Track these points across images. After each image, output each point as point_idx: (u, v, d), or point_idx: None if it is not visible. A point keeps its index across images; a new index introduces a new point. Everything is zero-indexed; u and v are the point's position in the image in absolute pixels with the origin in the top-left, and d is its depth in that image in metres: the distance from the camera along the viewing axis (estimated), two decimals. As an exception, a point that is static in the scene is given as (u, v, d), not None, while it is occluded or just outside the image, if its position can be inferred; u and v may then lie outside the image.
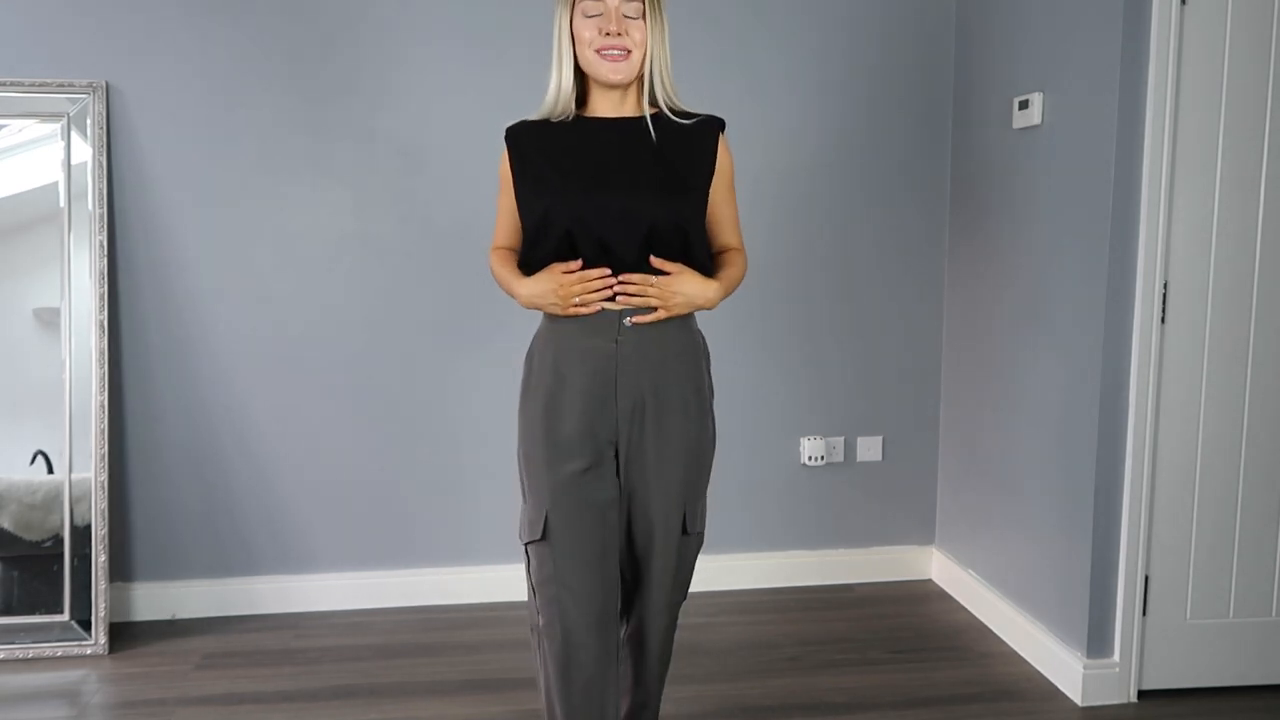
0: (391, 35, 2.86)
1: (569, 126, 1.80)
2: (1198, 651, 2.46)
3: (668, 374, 1.80)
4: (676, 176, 1.78)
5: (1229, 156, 2.32)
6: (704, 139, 1.82)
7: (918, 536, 3.25)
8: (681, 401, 1.81)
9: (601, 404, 1.77)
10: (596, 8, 1.72)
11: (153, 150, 2.81)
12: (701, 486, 1.89)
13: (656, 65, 1.76)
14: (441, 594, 3.04)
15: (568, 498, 1.77)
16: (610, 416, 1.78)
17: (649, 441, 1.80)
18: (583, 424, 1.77)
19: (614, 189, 1.74)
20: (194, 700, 2.47)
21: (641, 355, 1.77)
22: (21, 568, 2.75)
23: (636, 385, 1.77)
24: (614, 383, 1.77)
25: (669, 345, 1.80)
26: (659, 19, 1.75)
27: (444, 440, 3.00)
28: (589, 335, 1.77)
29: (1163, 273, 2.33)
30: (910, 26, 3.05)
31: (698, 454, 1.85)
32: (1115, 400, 2.38)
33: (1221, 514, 2.43)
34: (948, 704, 2.44)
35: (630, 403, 1.78)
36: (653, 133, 1.78)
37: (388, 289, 2.93)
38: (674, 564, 1.89)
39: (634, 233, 1.72)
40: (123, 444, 2.87)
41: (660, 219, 1.73)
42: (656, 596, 1.90)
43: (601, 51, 1.73)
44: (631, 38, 1.73)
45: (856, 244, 3.10)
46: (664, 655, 1.98)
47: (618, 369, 1.76)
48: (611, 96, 1.79)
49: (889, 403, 3.18)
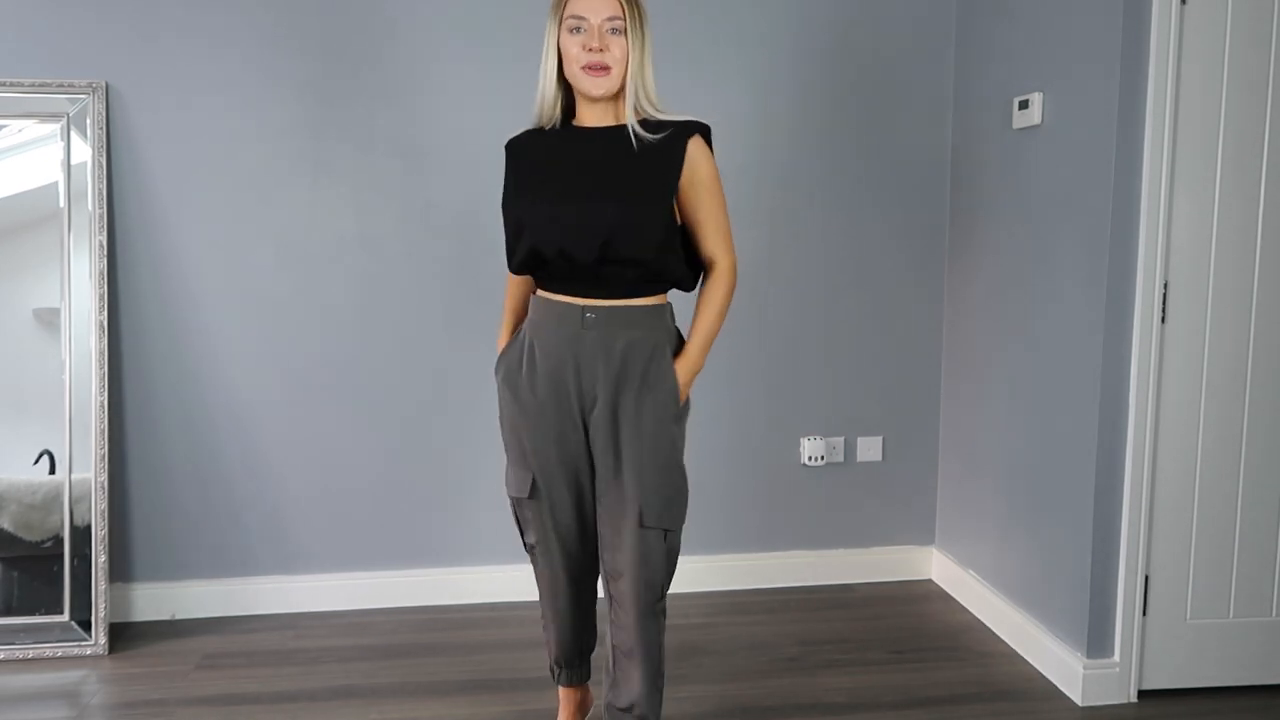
0: (392, 35, 2.86)
1: (557, 136, 1.92)
2: (1198, 651, 2.46)
3: (627, 368, 1.87)
4: (639, 184, 1.84)
5: (1229, 156, 2.32)
6: (674, 145, 1.86)
7: (918, 536, 3.26)
8: (639, 395, 1.87)
9: (565, 388, 1.90)
10: (581, 25, 1.82)
11: (153, 150, 2.81)
12: (662, 479, 1.88)
13: (637, 78, 1.84)
14: (441, 594, 3.04)
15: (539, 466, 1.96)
16: (573, 401, 1.90)
17: (609, 431, 1.88)
18: (549, 403, 1.91)
19: (575, 199, 1.84)
20: (194, 700, 2.47)
21: (602, 348, 1.87)
22: (21, 568, 2.75)
23: (596, 375, 1.87)
24: (576, 371, 1.88)
25: (629, 339, 1.87)
26: (640, 34, 1.84)
27: (444, 440, 3.00)
28: (557, 324, 1.90)
29: (1163, 273, 2.33)
30: (910, 26, 3.04)
31: (655, 449, 1.87)
32: (1115, 400, 2.38)
33: (1221, 514, 2.43)
34: (947, 704, 2.44)
35: (593, 391, 1.88)
36: (634, 141, 1.84)
37: (388, 289, 2.93)
38: (634, 557, 1.89)
39: (591, 241, 1.81)
40: (123, 444, 2.87)
41: (617, 227, 1.80)
42: (623, 588, 1.92)
43: (585, 67, 1.83)
44: (613, 54, 1.82)
45: (856, 244, 3.10)
46: (647, 657, 1.93)
47: (579, 359, 1.88)
48: (596, 108, 1.89)
49: (889, 403, 3.18)
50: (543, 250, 1.85)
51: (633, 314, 1.87)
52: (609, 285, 1.86)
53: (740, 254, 2.99)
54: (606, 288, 1.86)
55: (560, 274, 1.87)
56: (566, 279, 1.88)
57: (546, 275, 1.91)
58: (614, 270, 1.83)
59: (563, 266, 1.85)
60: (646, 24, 1.85)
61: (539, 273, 1.92)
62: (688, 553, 3.12)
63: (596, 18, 1.81)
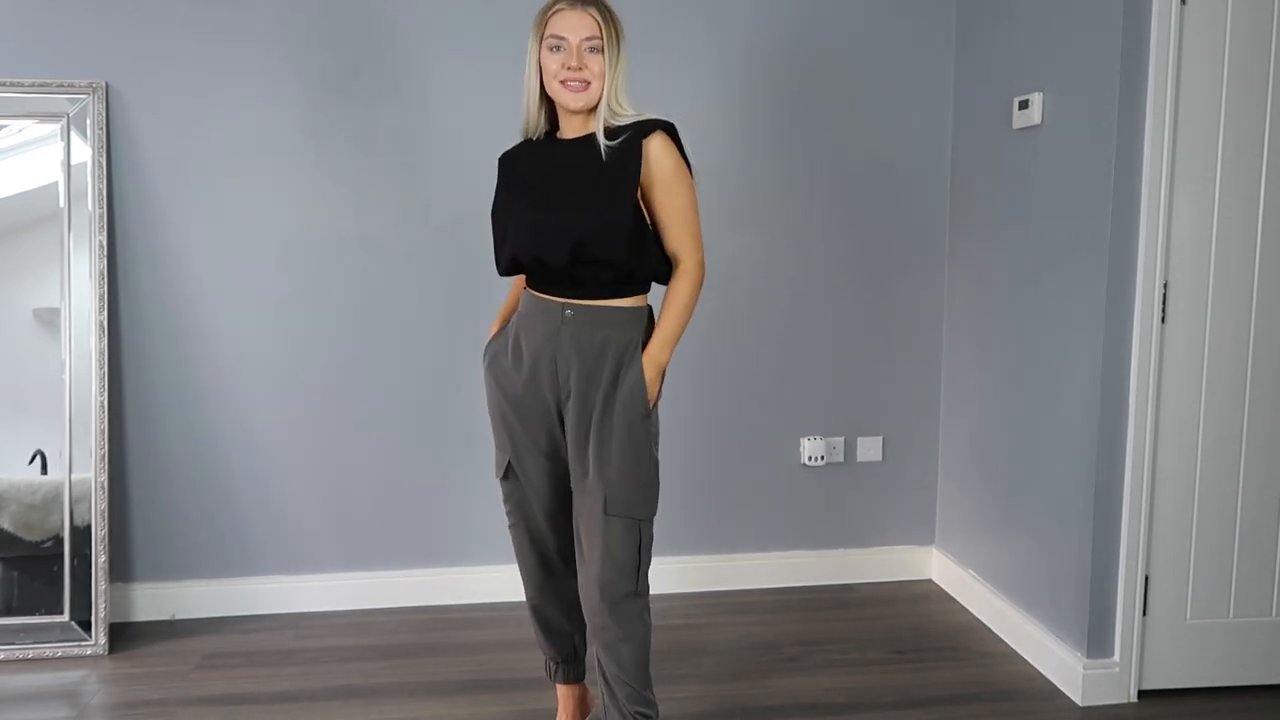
0: (392, 35, 2.86)
1: (540, 147, 2.01)
2: (1198, 651, 2.46)
3: (601, 364, 1.93)
4: (602, 187, 1.90)
5: (1229, 156, 2.32)
6: (631, 146, 1.91)
7: (918, 536, 3.26)
8: (610, 390, 1.93)
9: (541, 378, 1.97)
10: (561, 44, 1.90)
11: (153, 150, 2.81)
12: (630, 470, 1.93)
13: (611, 91, 1.92)
14: (441, 594, 3.04)
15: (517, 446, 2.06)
16: (547, 392, 1.98)
17: (580, 421, 1.94)
18: (529, 390, 1.99)
19: (546, 206, 1.93)
20: (194, 700, 2.47)
21: (578, 343, 1.94)
22: (21, 568, 2.75)
23: (571, 368, 1.94)
24: (553, 363, 1.96)
25: (604, 337, 1.94)
26: (616, 50, 1.91)
27: (444, 440, 3.00)
28: (540, 318, 1.98)
29: (1163, 273, 2.33)
30: (910, 27, 3.04)
31: (623, 441, 1.92)
32: (1115, 400, 2.38)
33: (1221, 514, 2.43)
34: (947, 704, 2.44)
35: (568, 383, 1.95)
36: (602, 150, 1.90)
37: (388, 289, 2.93)
38: (600, 543, 1.93)
39: (561, 246, 1.89)
40: (123, 444, 2.87)
41: (584, 231, 1.87)
42: (588, 572, 1.96)
43: (564, 82, 1.90)
44: (591, 70, 1.89)
45: (856, 244, 3.10)
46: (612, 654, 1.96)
47: (556, 352, 1.95)
48: (576, 120, 1.96)
49: (889, 403, 3.18)
50: (519, 256, 1.96)
51: (610, 314, 1.94)
52: (585, 286, 1.93)
53: (740, 254, 3.04)
54: (583, 288, 1.93)
55: (539, 276, 1.98)
56: (546, 280, 1.97)
57: (530, 276, 2.01)
58: (588, 272, 1.91)
59: (539, 270, 1.96)
60: (623, 41, 1.93)
61: (526, 274, 2.03)
62: (688, 553, 3.15)
63: (575, 37, 1.89)
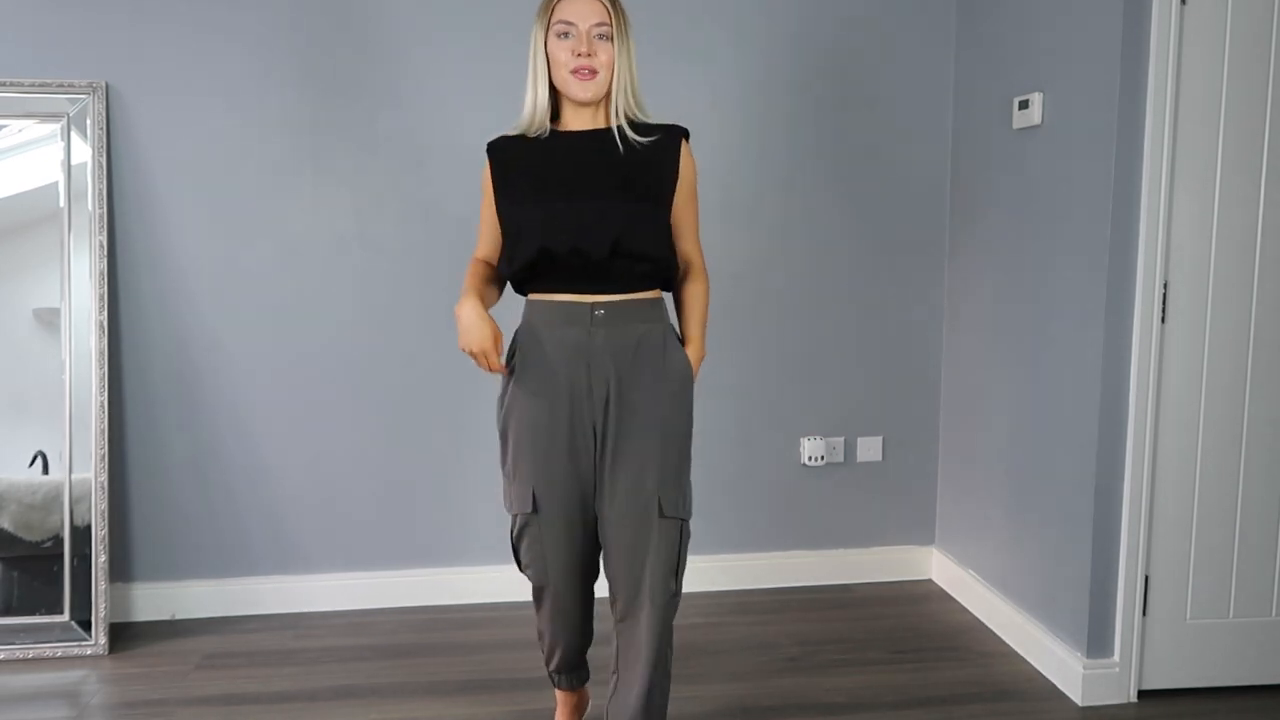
0: (393, 35, 2.86)
1: (544, 140, 1.93)
2: (1198, 651, 2.46)
3: (639, 360, 1.90)
4: (641, 183, 1.90)
5: (1229, 156, 2.32)
6: (668, 148, 1.93)
7: (918, 536, 3.26)
8: (652, 386, 1.90)
9: (578, 390, 1.89)
10: (569, 30, 1.86)
11: (153, 150, 2.81)
12: (679, 468, 1.92)
13: (622, 81, 1.89)
14: (441, 594, 3.04)
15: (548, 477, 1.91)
16: (585, 402, 1.89)
17: (623, 426, 1.89)
18: (562, 410, 1.89)
19: (583, 196, 1.87)
20: (194, 700, 2.47)
21: (613, 343, 1.88)
22: (21, 568, 2.75)
23: (608, 371, 1.88)
24: (588, 370, 1.88)
25: (639, 332, 1.90)
26: (625, 39, 1.88)
27: (444, 440, 3.00)
28: (564, 325, 1.89)
29: (1163, 273, 2.33)
30: (910, 26, 3.05)
31: (672, 436, 1.91)
32: (1115, 400, 2.38)
33: (1221, 514, 2.43)
34: (947, 704, 2.44)
35: (604, 389, 1.88)
36: (619, 144, 1.89)
37: (388, 289, 2.93)
38: (652, 546, 1.88)
39: (603, 237, 1.83)
40: (123, 444, 2.87)
41: (627, 223, 1.84)
42: (644, 582, 1.89)
43: (574, 71, 1.86)
44: (599, 58, 1.86)
45: (857, 244, 3.10)
46: (658, 657, 1.91)
47: (590, 357, 1.88)
48: (583, 112, 1.92)
49: (889, 403, 3.18)
50: (554, 249, 1.84)
51: (640, 308, 1.91)
52: (619, 280, 1.88)
53: (740, 254, 3.04)
54: (617, 282, 1.88)
55: (570, 272, 1.87)
56: (576, 277, 1.87)
57: (554, 276, 1.88)
58: (624, 265, 1.87)
59: (574, 264, 1.85)
60: (630, 30, 1.90)
61: (545, 274, 1.89)
62: (688, 552, 3.14)
63: (585, 23, 1.85)
